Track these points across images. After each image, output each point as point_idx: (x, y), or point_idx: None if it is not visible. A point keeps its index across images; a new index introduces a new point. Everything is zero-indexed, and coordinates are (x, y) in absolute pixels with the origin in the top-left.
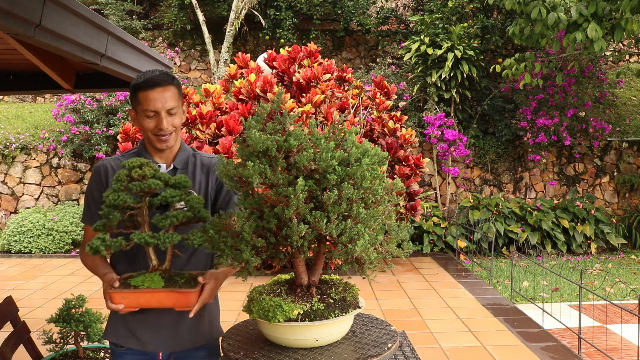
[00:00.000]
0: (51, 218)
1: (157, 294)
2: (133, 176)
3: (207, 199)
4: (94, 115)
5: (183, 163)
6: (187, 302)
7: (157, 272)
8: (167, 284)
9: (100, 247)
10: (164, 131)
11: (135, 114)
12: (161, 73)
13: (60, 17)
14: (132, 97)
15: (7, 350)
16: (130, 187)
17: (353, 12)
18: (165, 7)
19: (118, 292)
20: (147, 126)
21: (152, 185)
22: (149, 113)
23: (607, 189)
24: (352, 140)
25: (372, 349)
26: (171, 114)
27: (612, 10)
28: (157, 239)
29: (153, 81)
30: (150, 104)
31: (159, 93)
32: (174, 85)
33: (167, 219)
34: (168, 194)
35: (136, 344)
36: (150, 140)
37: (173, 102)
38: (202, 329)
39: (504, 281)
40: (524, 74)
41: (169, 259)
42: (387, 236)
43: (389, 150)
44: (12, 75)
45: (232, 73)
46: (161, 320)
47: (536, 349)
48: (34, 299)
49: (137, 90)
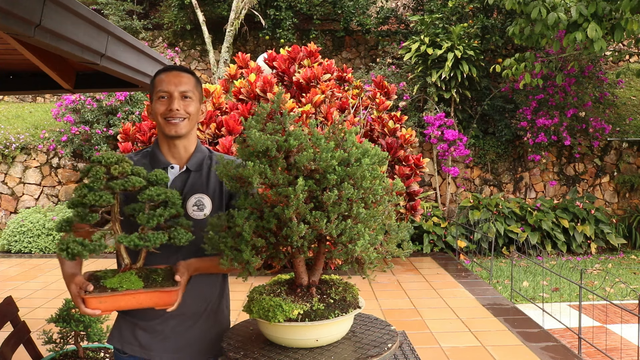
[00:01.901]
0: (51, 218)
1: (137, 295)
2: (113, 173)
3: (220, 203)
4: (94, 115)
5: (197, 165)
6: (169, 301)
7: (132, 271)
8: (146, 283)
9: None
10: (174, 113)
11: (152, 105)
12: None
13: (60, 17)
14: (150, 86)
15: (7, 350)
16: (111, 185)
17: (353, 12)
18: (165, 7)
19: (94, 296)
20: (158, 109)
21: (135, 183)
22: (161, 94)
23: (607, 189)
24: (352, 140)
25: (372, 349)
26: (185, 98)
27: (612, 10)
28: (147, 240)
29: (169, 67)
30: (163, 84)
31: (174, 76)
32: (191, 76)
33: (154, 218)
34: (154, 192)
35: (140, 352)
36: (161, 127)
37: (188, 86)
38: (211, 341)
39: (504, 281)
40: (524, 74)
41: (143, 257)
42: (387, 236)
43: (389, 150)
44: (12, 75)
45: (232, 73)
46: (167, 330)
47: (536, 349)
48: (34, 299)
49: (155, 76)
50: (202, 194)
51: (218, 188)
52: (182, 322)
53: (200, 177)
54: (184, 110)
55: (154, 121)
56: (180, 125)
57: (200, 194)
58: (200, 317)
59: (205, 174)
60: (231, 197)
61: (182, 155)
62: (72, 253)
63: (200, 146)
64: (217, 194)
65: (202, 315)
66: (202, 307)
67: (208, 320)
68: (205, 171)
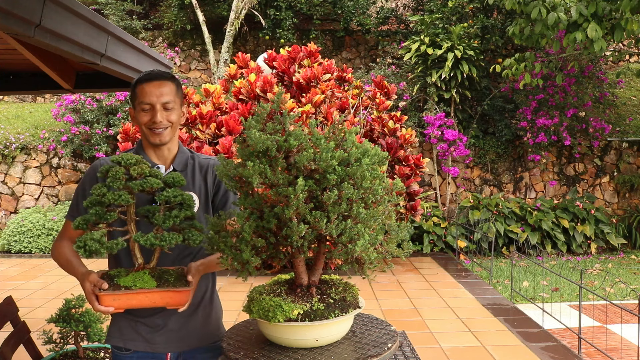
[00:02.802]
0: (51, 218)
1: (151, 294)
2: (132, 174)
3: (206, 200)
4: (94, 115)
5: (182, 165)
6: (181, 301)
7: (146, 271)
8: (159, 282)
9: (100, 250)
10: (157, 125)
11: (134, 112)
12: (160, 70)
13: (60, 17)
14: (131, 93)
15: (7, 350)
16: (131, 186)
17: (353, 12)
18: (165, 7)
19: (109, 294)
20: (142, 120)
21: (153, 184)
22: (144, 106)
23: (607, 189)
24: (352, 140)
25: (372, 349)
26: (167, 109)
27: (612, 10)
28: (162, 239)
29: (150, 75)
30: (145, 96)
31: (155, 87)
32: (171, 82)
33: (169, 219)
34: (170, 193)
35: (144, 346)
36: (145, 135)
37: (169, 96)
38: (210, 328)
39: (504, 281)
40: (524, 74)
41: (156, 257)
42: (387, 236)
43: (389, 150)
44: (12, 75)
45: (232, 73)
46: (170, 322)
47: (536, 349)
48: (34, 299)
49: (136, 84)
50: (190, 191)
51: (203, 185)
52: (182, 313)
53: (185, 176)
54: (167, 120)
55: (137, 126)
56: (164, 134)
57: (188, 192)
58: (198, 306)
59: (190, 173)
60: (215, 194)
61: (167, 156)
62: (89, 250)
63: (182, 147)
64: (202, 191)
65: (199, 305)
66: (199, 297)
67: (205, 309)
68: (190, 170)
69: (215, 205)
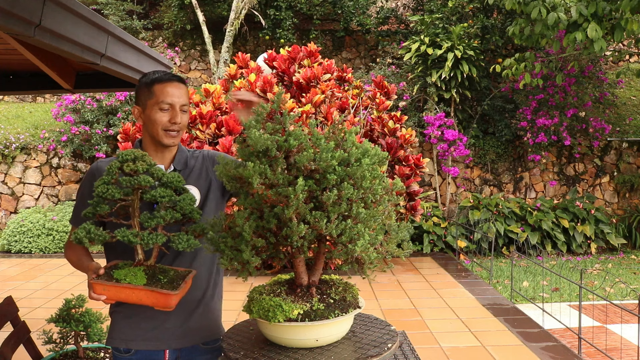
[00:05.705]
0: (51, 218)
1: (137, 291)
2: (125, 170)
3: (208, 193)
4: (94, 115)
5: (182, 163)
6: (166, 304)
7: (142, 267)
8: (150, 281)
9: (84, 239)
10: (177, 126)
11: (142, 110)
12: (172, 72)
13: (60, 17)
14: (144, 91)
15: (7, 350)
16: (120, 181)
17: (353, 12)
18: (165, 7)
19: (99, 283)
20: (159, 119)
21: (142, 182)
22: (164, 105)
23: (607, 189)
24: (352, 140)
25: (372, 349)
26: (183, 111)
27: (612, 10)
28: (140, 238)
29: (169, 76)
30: (167, 96)
31: (176, 87)
32: (185, 86)
33: (153, 219)
34: (158, 193)
35: (145, 344)
36: (157, 136)
37: (185, 99)
38: (209, 325)
39: (504, 281)
40: (524, 74)
41: (154, 255)
42: (387, 236)
43: (389, 150)
44: (12, 75)
45: (232, 73)
46: (169, 320)
47: (536, 349)
48: (34, 299)
49: (153, 83)
50: (193, 187)
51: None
52: (184, 310)
53: (187, 173)
54: (182, 122)
55: (147, 126)
56: (177, 137)
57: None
58: (199, 304)
59: (196, 169)
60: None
61: (167, 157)
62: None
63: (181, 146)
64: (204, 186)
65: (200, 302)
66: (200, 295)
67: (206, 307)
68: (192, 165)
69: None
